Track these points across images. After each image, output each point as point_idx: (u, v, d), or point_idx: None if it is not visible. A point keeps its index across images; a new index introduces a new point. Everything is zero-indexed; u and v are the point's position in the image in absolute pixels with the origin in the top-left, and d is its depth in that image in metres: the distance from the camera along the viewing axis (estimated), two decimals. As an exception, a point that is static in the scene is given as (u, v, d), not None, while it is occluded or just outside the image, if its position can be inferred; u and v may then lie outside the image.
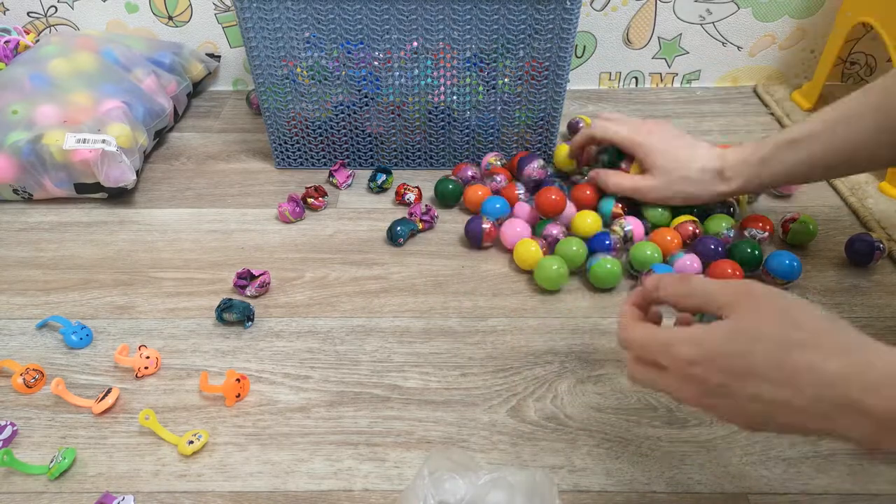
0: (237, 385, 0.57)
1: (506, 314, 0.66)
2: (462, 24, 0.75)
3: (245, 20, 0.74)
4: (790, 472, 0.51)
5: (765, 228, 0.71)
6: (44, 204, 0.82)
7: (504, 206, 0.75)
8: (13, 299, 0.68)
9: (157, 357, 0.61)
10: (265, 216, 0.80)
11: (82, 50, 0.89)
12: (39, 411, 0.57)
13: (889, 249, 0.71)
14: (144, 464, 0.53)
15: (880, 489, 0.50)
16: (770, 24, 1.00)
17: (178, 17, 1.02)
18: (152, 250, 0.75)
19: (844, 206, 0.80)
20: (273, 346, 0.63)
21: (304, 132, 0.84)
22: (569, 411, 0.56)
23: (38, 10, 1.01)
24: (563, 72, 0.78)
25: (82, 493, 0.51)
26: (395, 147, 0.86)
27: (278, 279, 0.70)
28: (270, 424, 0.56)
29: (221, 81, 1.09)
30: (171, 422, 0.56)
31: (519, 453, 0.53)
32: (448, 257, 0.72)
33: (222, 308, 0.64)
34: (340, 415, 0.56)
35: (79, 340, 0.62)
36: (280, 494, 0.51)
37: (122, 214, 0.80)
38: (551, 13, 0.73)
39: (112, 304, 0.67)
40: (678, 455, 0.53)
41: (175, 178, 0.87)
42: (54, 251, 0.75)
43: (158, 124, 0.90)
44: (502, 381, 0.59)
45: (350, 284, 0.70)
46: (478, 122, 0.83)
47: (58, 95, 0.83)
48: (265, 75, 0.79)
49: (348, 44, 0.76)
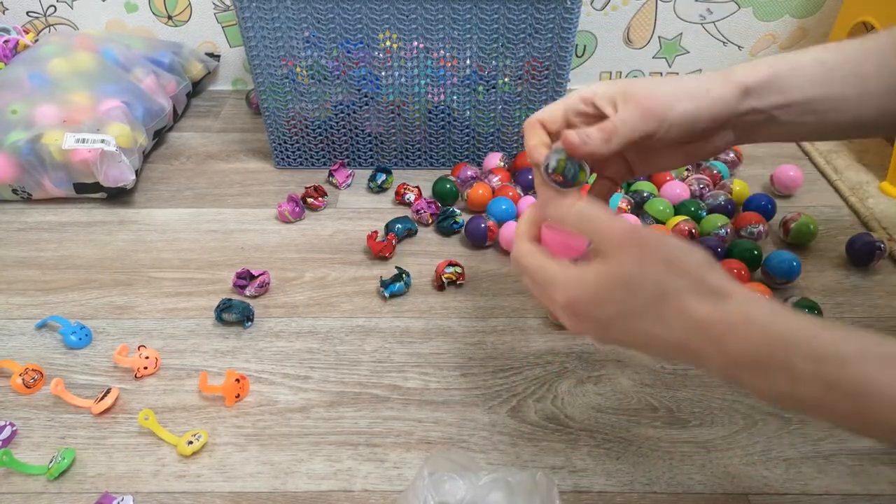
0: (237, 385, 0.57)
1: (506, 314, 0.66)
2: (462, 23, 0.74)
3: (245, 20, 0.74)
4: (790, 473, 0.51)
5: (760, 223, 0.71)
6: (43, 204, 0.82)
7: (510, 207, 0.75)
8: (12, 299, 0.68)
9: (157, 357, 0.61)
10: (265, 216, 0.79)
11: (82, 49, 0.89)
12: (39, 411, 0.57)
13: (890, 249, 0.71)
14: (144, 464, 0.53)
15: (881, 489, 0.50)
16: (771, 24, 1.00)
17: (178, 17, 1.02)
18: (152, 250, 0.74)
19: (845, 205, 0.79)
20: (273, 346, 0.63)
21: (304, 132, 0.84)
22: (569, 412, 0.56)
23: (37, 9, 1.01)
24: (564, 71, 0.78)
25: (82, 494, 0.51)
26: (395, 147, 0.86)
27: (278, 279, 0.70)
28: (270, 425, 0.56)
29: (221, 81, 1.09)
30: (171, 422, 0.56)
31: (519, 454, 0.53)
32: (448, 257, 0.72)
33: (222, 308, 0.64)
34: (340, 415, 0.56)
35: (78, 340, 0.62)
36: (280, 495, 0.50)
37: (122, 214, 0.80)
38: (551, 13, 0.73)
39: (111, 304, 0.67)
40: (678, 455, 0.53)
41: (174, 178, 0.87)
42: (54, 251, 0.74)
43: (158, 124, 0.90)
44: (502, 382, 0.59)
45: (350, 284, 0.69)
46: (478, 122, 0.83)
47: (57, 95, 0.83)
48: (265, 75, 0.79)
49: (348, 43, 0.76)
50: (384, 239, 0.72)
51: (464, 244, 0.75)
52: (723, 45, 1.02)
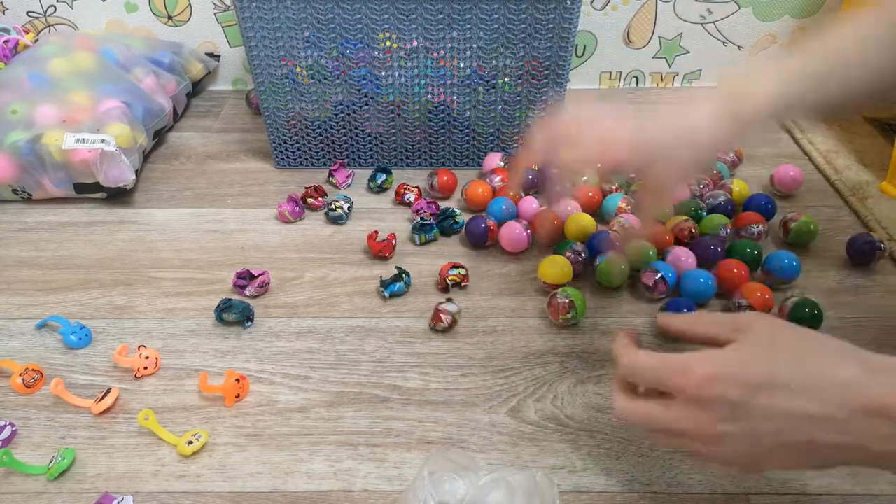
0: (237, 385, 0.57)
1: (506, 314, 0.66)
2: (462, 23, 0.74)
3: (245, 20, 0.74)
4: (790, 473, 0.51)
5: (760, 223, 0.71)
6: (43, 204, 0.82)
7: (510, 207, 0.75)
8: (12, 299, 0.68)
9: (157, 357, 0.61)
10: (265, 216, 0.79)
11: (82, 49, 0.89)
12: (39, 411, 0.57)
13: (890, 249, 0.71)
14: (144, 464, 0.53)
15: (881, 489, 0.50)
16: (771, 24, 1.00)
17: (178, 17, 1.02)
18: (152, 250, 0.74)
19: (845, 205, 0.79)
20: (273, 346, 0.63)
21: (304, 132, 0.84)
22: (569, 412, 0.56)
23: (37, 9, 1.01)
24: (564, 71, 0.78)
25: (81, 494, 0.51)
26: (395, 147, 0.86)
27: (278, 279, 0.70)
28: (270, 425, 0.56)
29: (221, 81, 1.09)
30: (171, 422, 0.56)
31: (519, 454, 0.53)
32: (448, 257, 0.72)
33: (222, 308, 0.64)
34: (340, 415, 0.56)
35: (78, 340, 0.62)
36: (279, 495, 0.50)
37: (122, 214, 0.80)
38: (551, 12, 0.73)
39: (111, 304, 0.67)
40: (679, 455, 0.53)
41: (174, 178, 0.87)
42: (53, 251, 0.74)
43: (158, 124, 0.90)
44: (502, 382, 0.59)
45: (350, 284, 0.69)
46: (478, 122, 0.83)
47: (57, 95, 0.83)
48: (265, 75, 0.79)
49: (348, 43, 0.76)
50: (384, 239, 0.72)
51: (464, 244, 0.75)
52: (723, 45, 1.02)
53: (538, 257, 0.70)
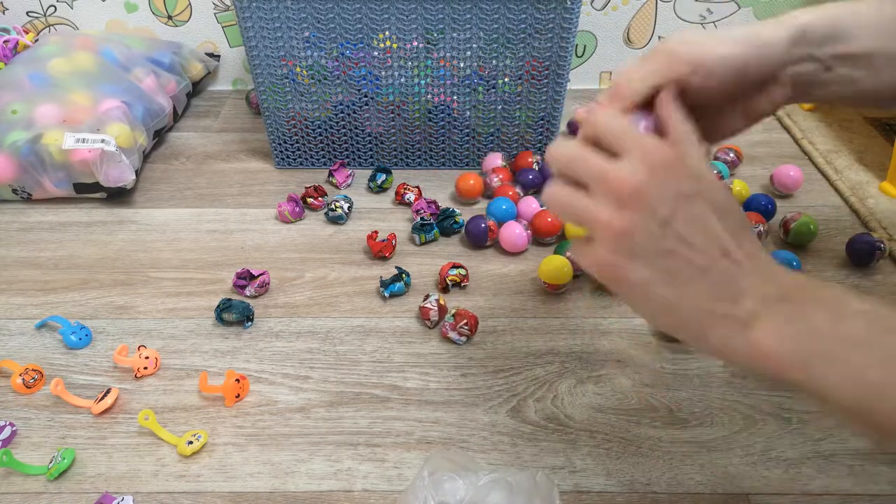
0: (237, 385, 0.57)
1: (506, 314, 0.66)
2: (462, 23, 0.74)
3: (245, 20, 0.74)
4: (790, 473, 0.51)
5: (760, 223, 0.70)
6: (43, 204, 0.82)
7: (510, 207, 0.75)
8: (12, 299, 0.68)
9: (157, 357, 0.61)
10: (265, 216, 0.79)
11: (81, 49, 0.89)
12: (38, 411, 0.57)
13: (890, 249, 0.71)
14: (144, 464, 0.53)
15: (881, 489, 0.50)
16: (770, 24, 1.00)
17: (178, 17, 1.02)
18: (152, 250, 0.74)
19: (845, 205, 0.79)
20: (272, 346, 0.63)
21: (304, 132, 0.84)
22: (569, 412, 0.56)
23: (37, 9, 1.01)
24: (564, 71, 0.78)
25: (81, 494, 0.51)
26: (394, 147, 0.86)
27: (278, 279, 0.70)
28: (270, 425, 0.56)
29: (221, 81, 1.09)
30: (171, 422, 0.56)
31: (519, 454, 0.53)
32: (448, 257, 0.72)
33: (222, 308, 0.64)
34: (340, 415, 0.56)
35: (78, 340, 0.62)
36: (279, 495, 0.50)
37: (122, 214, 0.80)
38: (551, 12, 0.73)
39: (111, 304, 0.67)
40: (678, 455, 0.53)
41: (174, 178, 0.87)
42: (53, 251, 0.74)
43: (158, 124, 0.90)
44: (502, 382, 0.59)
45: (350, 284, 0.69)
46: (478, 122, 0.83)
47: (57, 95, 0.83)
48: (265, 75, 0.79)
49: (348, 43, 0.76)
50: (384, 239, 0.72)
51: (464, 244, 0.75)
52: (723, 45, 1.02)
53: (538, 257, 0.70)
